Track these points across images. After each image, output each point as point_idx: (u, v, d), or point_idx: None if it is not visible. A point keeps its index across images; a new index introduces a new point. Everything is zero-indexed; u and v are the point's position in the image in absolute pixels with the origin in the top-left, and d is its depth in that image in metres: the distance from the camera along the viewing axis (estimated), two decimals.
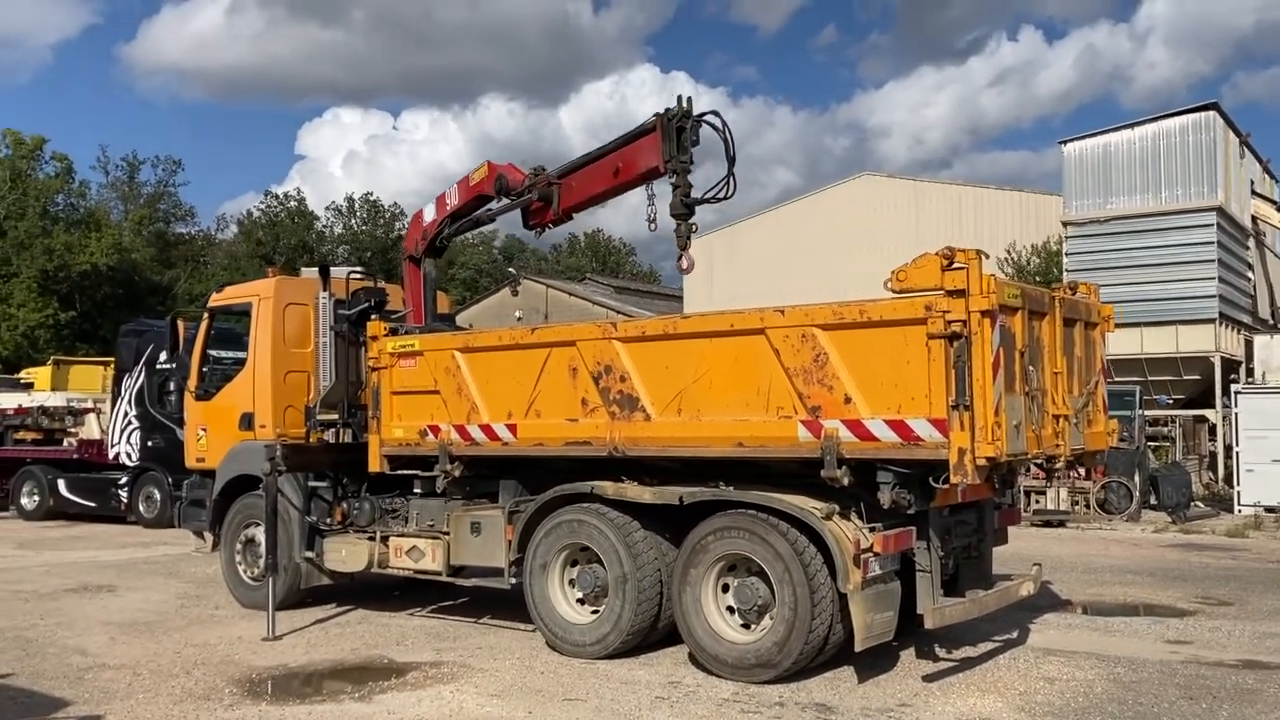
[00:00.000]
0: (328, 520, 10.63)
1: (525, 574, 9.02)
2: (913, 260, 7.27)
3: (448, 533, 9.69)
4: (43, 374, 29.21)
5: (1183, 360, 25.83)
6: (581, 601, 8.86)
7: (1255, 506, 20.07)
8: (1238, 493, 20.75)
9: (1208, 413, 25.76)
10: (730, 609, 8.06)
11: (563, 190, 9.93)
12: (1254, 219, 29.21)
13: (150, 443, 19.46)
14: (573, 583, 8.89)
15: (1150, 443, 23.86)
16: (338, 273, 10.97)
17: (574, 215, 10.19)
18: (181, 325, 13.30)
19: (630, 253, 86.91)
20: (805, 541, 7.63)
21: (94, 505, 21.01)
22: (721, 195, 9.05)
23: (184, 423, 12.56)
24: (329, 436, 10.67)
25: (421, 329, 10.46)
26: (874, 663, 8.16)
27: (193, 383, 12.02)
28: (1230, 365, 25.94)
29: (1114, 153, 26.83)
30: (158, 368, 18.95)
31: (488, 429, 9.25)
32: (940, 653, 8.72)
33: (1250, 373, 24.22)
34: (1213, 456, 25.88)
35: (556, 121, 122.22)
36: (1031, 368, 7.59)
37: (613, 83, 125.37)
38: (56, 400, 24.45)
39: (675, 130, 8.89)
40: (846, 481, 7.48)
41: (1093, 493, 19.43)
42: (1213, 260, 25.54)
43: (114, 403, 20.54)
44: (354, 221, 71.62)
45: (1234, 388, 21.97)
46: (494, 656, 8.78)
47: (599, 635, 8.56)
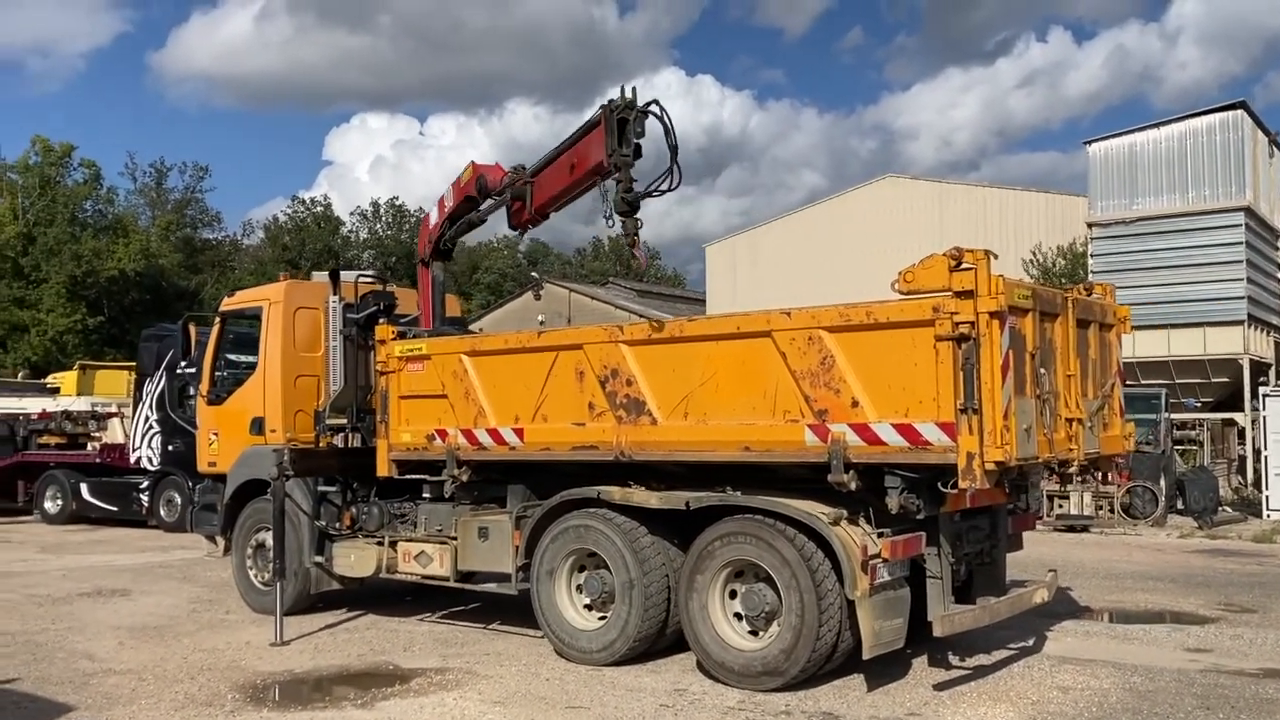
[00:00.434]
0: (337, 525, 10.59)
1: (532, 580, 8.94)
2: (920, 261, 7.14)
3: (455, 538, 9.62)
4: (69, 379, 29.51)
5: (1210, 363, 25.44)
6: (589, 608, 8.76)
7: None
8: (1266, 497, 20.36)
9: (1236, 416, 25.37)
10: (737, 615, 7.95)
11: (534, 189, 9.74)
12: None
13: (171, 447, 19.47)
14: (580, 588, 8.80)
15: (1177, 446, 23.52)
16: (347, 277, 10.94)
17: (549, 214, 9.91)
18: (193, 329, 13.31)
19: (655, 256, 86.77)
20: (813, 547, 7.50)
21: (115, 509, 21.12)
22: (665, 187, 8.71)
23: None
24: (338, 441, 10.66)
25: (429, 333, 10.41)
26: (884, 670, 8.02)
27: (204, 387, 12.04)
28: (1259, 368, 25.55)
29: (1140, 153, 26.48)
30: (178, 372, 19.01)
31: (495, 433, 9.18)
32: (953, 660, 8.57)
33: None
34: (1241, 460, 25.50)
35: None
36: (1043, 370, 7.43)
37: (638, 86, 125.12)
38: (80, 405, 24.64)
39: (618, 123, 8.52)
40: (854, 486, 7.36)
41: (1117, 497, 19.15)
42: (1241, 261, 25.13)
43: (135, 407, 20.64)
44: (379, 226, 72.00)
45: (1263, 390, 21.59)
46: (500, 663, 8.70)
47: (606, 642, 8.46)
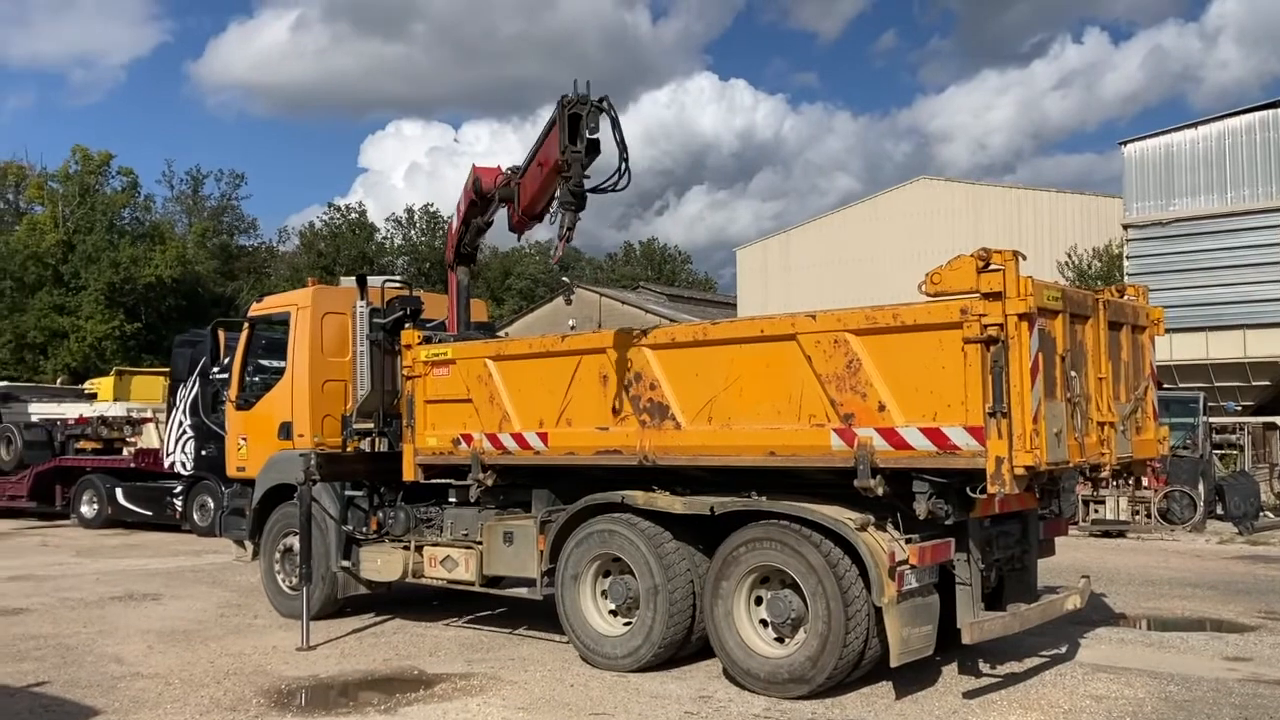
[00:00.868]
0: (364, 529, 10.59)
1: (557, 585, 8.89)
2: (947, 262, 7.03)
3: (481, 542, 9.59)
4: (105, 384, 29.77)
5: (1251, 365, 25.08)
6: (614, 613, 8.70)
7: None
8: None
9: (1278, 419, 24.94)
10: (763, 622, 7.86)
11: (520, 190, 9.51)
12: None
13: (204, 452, 19.59)
14: (605, 594, 8.74)
15: (1217, 450, 23.14)
16: (374, 282, 10.95)
17: (541, 216, 9.36)
18: (223, 335, 13.39)
19: (685, 260, 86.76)
20: (839, 553, 7.41)
21: (150, 514, 21.30)
22: (612, 186, 8.33)
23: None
24: (365, 445, 10.68)
25: (455, 337, 10.40)
26: (913, 678, 7.90)
27: (233, 392, 12.10)
28: None
29: (1176, 153, 26.17)
30: (210, 378, 19.16)
31: (519, 437, 9.14)
32: (983, 668, 8.43)
33: None
34: None
35: None
36: (1073, 373, 7.30)
37: (671, 91, 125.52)
38: (116, 410, 24.87)
39: (570, 118, 8.12)
40: (881, 491, 7.26)
41: (1154, 502, 18.84)
42: None
43: (169, 412, 20.82)
44: (413, 232, 72.36)
45: None
46: (525, 668, 8.66)
47: (631, 648, 8.39)
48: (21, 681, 8.37)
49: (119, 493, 21.86)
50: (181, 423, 20.07)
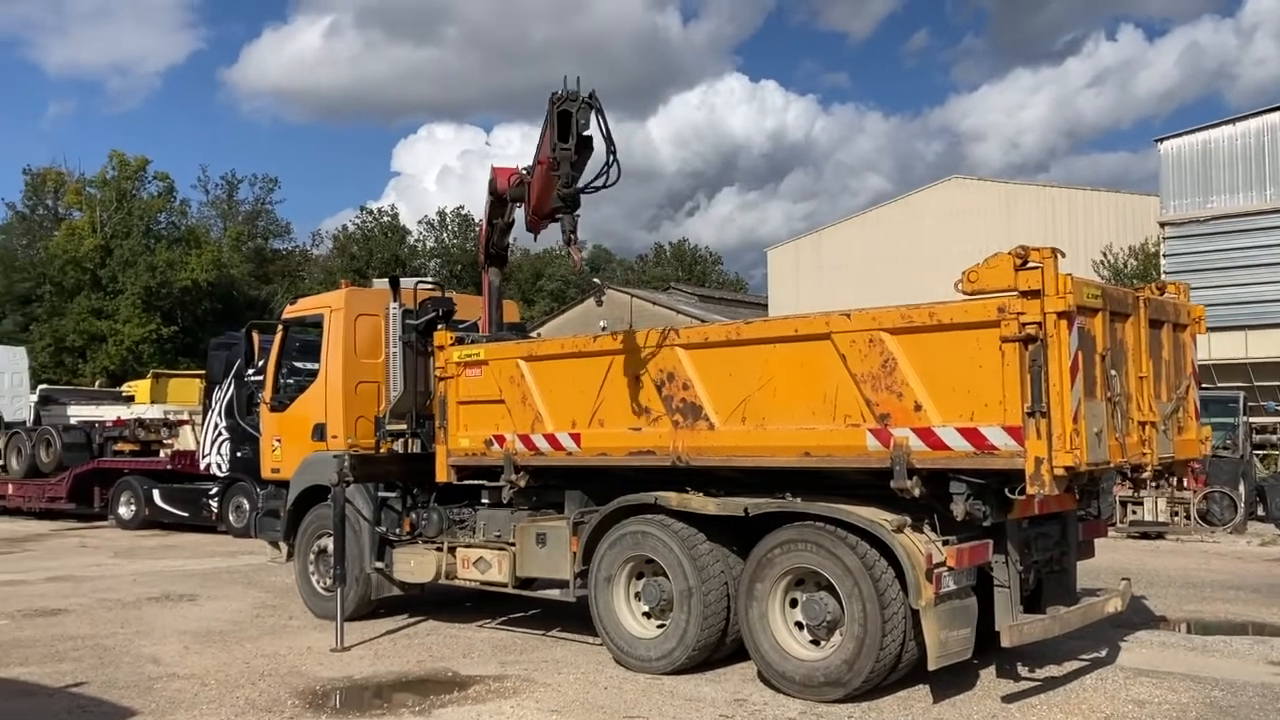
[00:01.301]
0: (397, 531, 10.61)
1: (590, 586, 8.85)
2: (985, 260, 6.94)
3: (514, 544, 9.57)
4: (142, 387, 30.19)
5: None
6: (647, 615, 8.65)
7: None
8: None
9: None
10: (798, 625, 7.78)
11: (530, 189, 9.37)
12: None
13: (240, 454, 19.76)
14: (638, 596, 8.69)
15: (1257, 451, 22.78)
16: (407, 283, 10.97)
17: (551, 215, 8.96)
18: (257, 337, 13.46)
19: (716, 261, 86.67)
20: (875, 555, 7.32)
21: (186, 515, 21.49)
22: (602, 184, 8.21)
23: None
24: (398, 447, 10.69)
25: (487, 338, 10.40)
26: (951, 681, 7.80)
27: (267, 394, 12.15)
28: None
29: (1214, 150, 25.82)
30: (246, 380, 19.30)
31: (552, 438, 9.12)
32: (1022, 671, 8.31)
33: None
34: None
35: (646, 134, 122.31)
36: (1114, 372, 7.17)
37: (701, 93, 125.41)
38: (153, 412, 25.17)
39: (558, 116, 7.99)
40: (918, 492, 7.17)
41: (1193, 503, 18.56)
42: None
43: (205, 415, 20.99)
44: (445, 235, 72.68)
45: None
46: (559, 670, 8.63)
47: (665, 650, 8.34)
48: (60, 682, 8.44)
49: (156, 494, 22.06)
50: (217, 425, 20.24)
